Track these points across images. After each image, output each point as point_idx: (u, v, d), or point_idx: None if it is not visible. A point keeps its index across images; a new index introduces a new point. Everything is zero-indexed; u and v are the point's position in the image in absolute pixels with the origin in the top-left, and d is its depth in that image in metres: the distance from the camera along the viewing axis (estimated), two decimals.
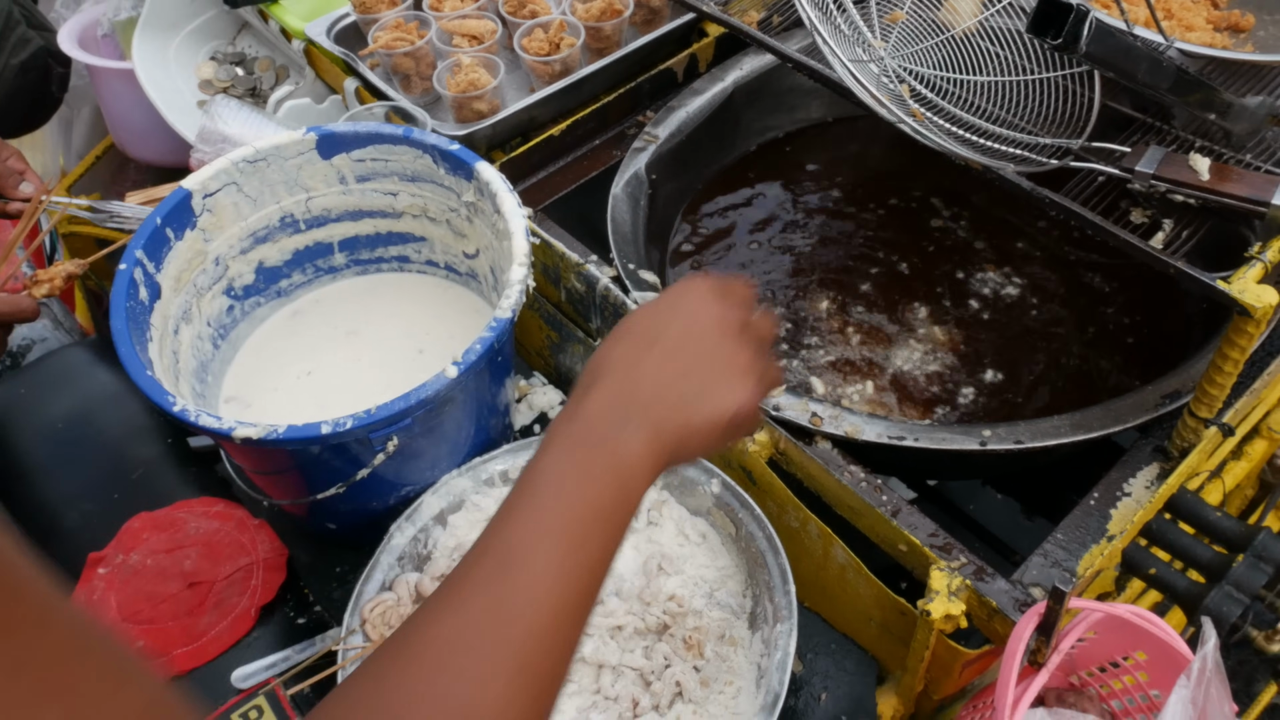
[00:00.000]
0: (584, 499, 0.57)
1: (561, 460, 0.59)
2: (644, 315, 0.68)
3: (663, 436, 0.62)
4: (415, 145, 1.10)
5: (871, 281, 1.32)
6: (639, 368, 0.64)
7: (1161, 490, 0.96)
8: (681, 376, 0.64)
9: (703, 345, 0.66)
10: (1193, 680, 0.81)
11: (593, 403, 0.62)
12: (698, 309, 0.68)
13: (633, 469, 0.60)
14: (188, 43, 1.77)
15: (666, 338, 0.66)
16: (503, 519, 0.57)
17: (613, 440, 0.60)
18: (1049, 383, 1.20)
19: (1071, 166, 0.97)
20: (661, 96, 1.41)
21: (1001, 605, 0.88)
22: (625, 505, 0.59)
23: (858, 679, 1.02)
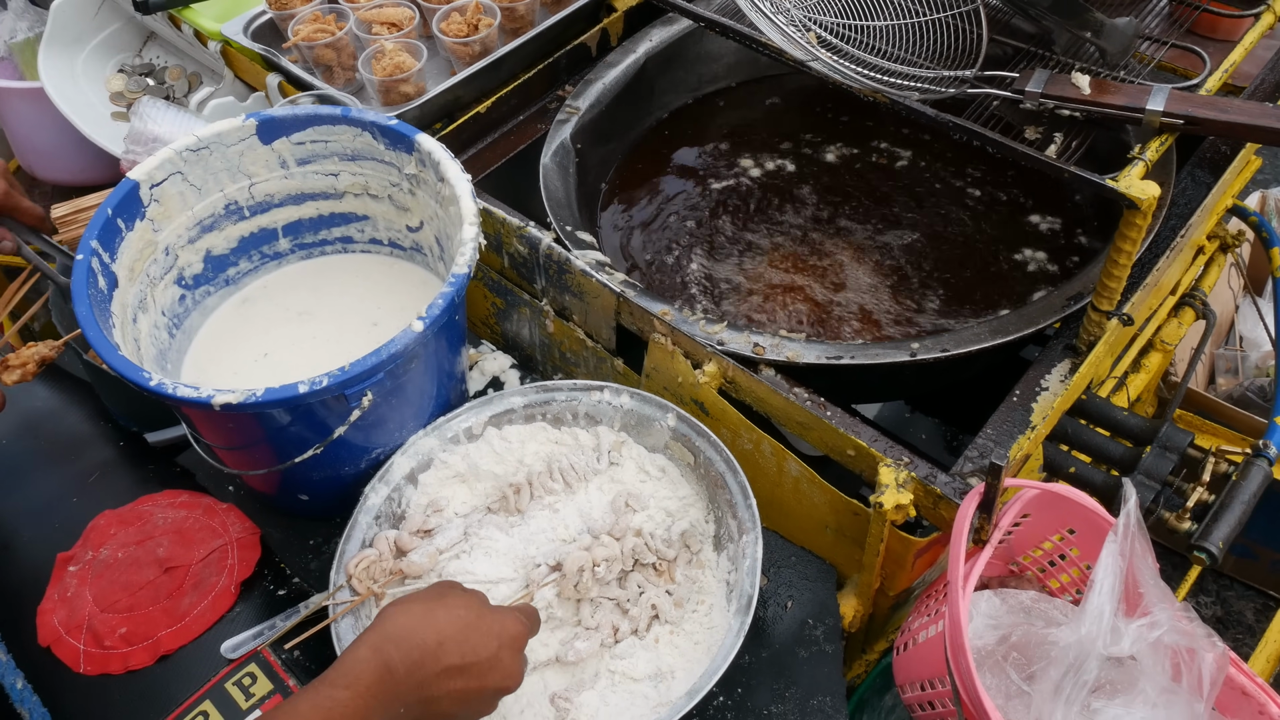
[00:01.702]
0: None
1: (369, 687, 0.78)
2: (465, 625, 0.84)
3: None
4: (354, 123, 1.14)
5: (789, 224, 1.40)
6: (443, 674, 0.81)
7: (1075, 380, 1.06)
8: (461, 698, 0.82)
9: (488, 678, 0.84)
10: (1119, 535, 0.90)
11: (401, 665, 0.79)
12: (505, 651, 0.86)
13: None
14: (94, 57, 1.77)
15: (473, 657, 0.83)
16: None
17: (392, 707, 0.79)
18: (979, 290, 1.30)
19: (969, 94, 1.06)
20: (579, 70, 1.47)
21: (946, 492, 0.96)
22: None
23: (819, 585, 1.10)
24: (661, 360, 1.13)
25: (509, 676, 0.85)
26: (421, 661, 0.80)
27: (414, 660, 0.79)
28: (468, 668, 0.82)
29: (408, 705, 0.79)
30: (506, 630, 0.86)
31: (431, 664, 0.80)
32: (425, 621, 0.81)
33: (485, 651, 0.83)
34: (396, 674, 0.78)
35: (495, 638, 0.85)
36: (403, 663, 0.79)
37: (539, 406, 1.16)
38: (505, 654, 0.85)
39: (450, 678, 0.81)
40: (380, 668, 0.78)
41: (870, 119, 1.53)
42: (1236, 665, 0.94)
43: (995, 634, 0.98)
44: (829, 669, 1.03)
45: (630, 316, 1.15)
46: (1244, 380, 2.12)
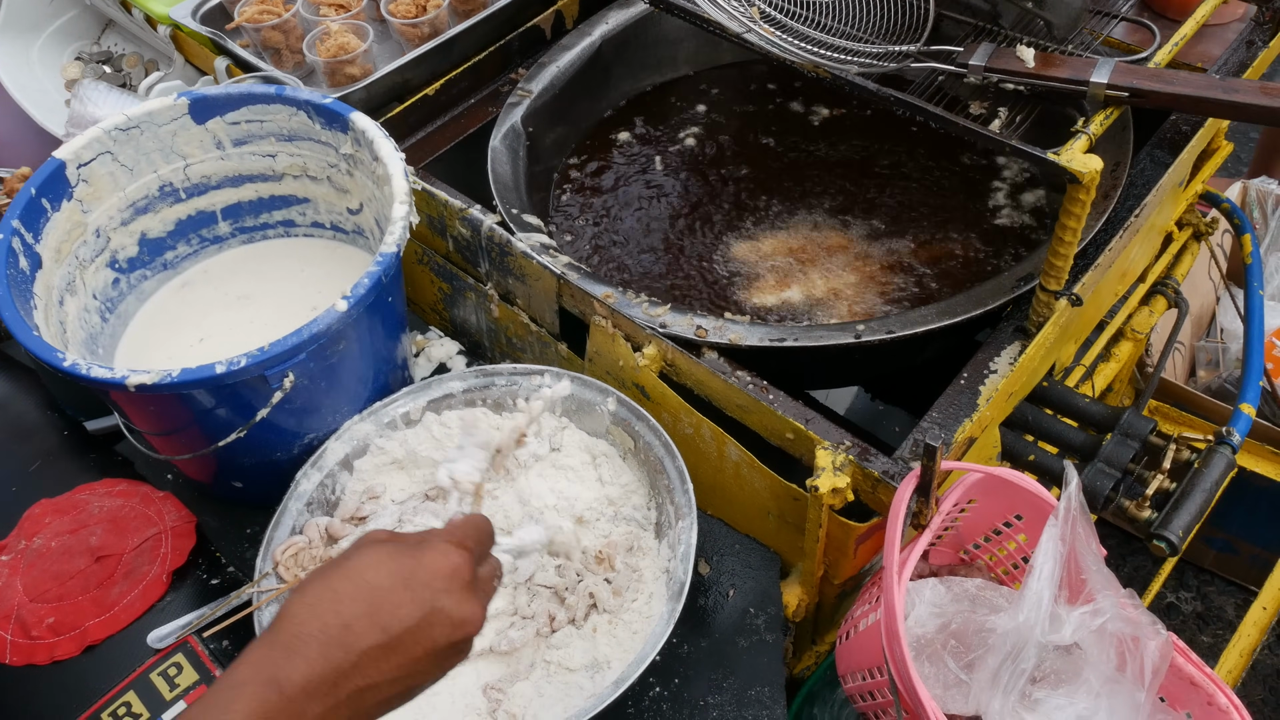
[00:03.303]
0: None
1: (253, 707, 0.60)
2: (385, 586, 0.67)
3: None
4: (289, 102, 1.12)
5: (749, 210, 1.37)
6: (363, 661, 0.64)
7: (1022, 362, 1.03)
8: (403, 675, 0.66)
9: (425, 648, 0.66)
10: (1060, 519, 0.88)
11: (298, 674, 0.62)
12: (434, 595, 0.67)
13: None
14: (50, 44, 1.74)
15: (397, 627, 0.65)
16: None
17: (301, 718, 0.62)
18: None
19: (912, 68, 1.03)
20: (532, 53, 1.45)
21: (884, 476, 0.94)
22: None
23: (762, 573, 1.07)
24: (603, 344, 1.11)
25: (461, 623, 0.68)
26: (325, 660, 0.63)
27: (313, 666, 0.62)
28: (395, 642, 0.65)
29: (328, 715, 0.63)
30: (437, 573, 0.68)
31: (340, 657, 0.63)
32: (324, 606, 0.64)
33: (414, 612, 0.66)
34: (288, 692, 0.61)
35: (424, 589, 0.67)
36: (300, 675, 0.62)
37: (479, 391, 1.13)
38: (446, 600, 0.67)
39: (375, 661, 0.64)
40: (260, 698, 0.61)
41: (838, 102, 1.51)
42: (1184, 654, 0.91)
43: (937, 622, 0.95)
44: (769, 659, 1.00)
45: (572, 299, 1.12)
46: (1224, 372, 2.09)
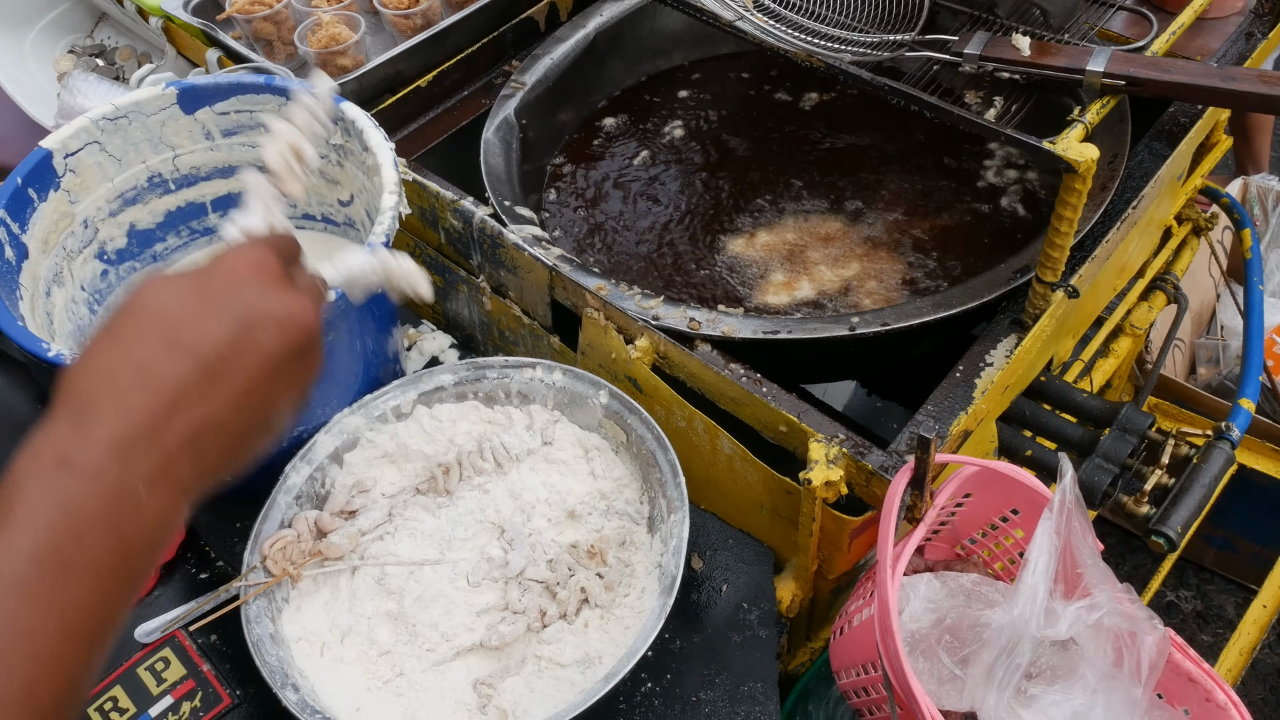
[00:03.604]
0: (80, 593, 0.45)
1: (43, 550, 0.45)
2: (178, 308, 0.52)
3: (201, 481, 0.51)
4: (279, 92, 1.10)
5: (748, 203, 1.36)
6: (181, 399, 0.50)
7: (1018, 354, 1.02)
8: (247, 403, 0.52)
9: (255, 361, 0.53)
10: (1055, 512, 0.86)
11: (95, 441, 0.47)
12: (245, 303, 0.54)
13: (147, 532, 0.48)
14: (43, 37, 1.73)
15: (208, 346, 0.51)
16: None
17: (125, 491, 0.47)
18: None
19: (906, 57, 1.02)
20: (525, 45, 1.44)
21: (878, 469, 0.93)
22: (133, 570, 0.48)
23: (756, 569, 1.06)
24: (595, 336, 1.10)
25: (289, 320, 0.54)
26: (126, 413, 0.48)
27: (112, 425, 0.48)
28: (214, 365, 0.51)
29: (148, 482, 0.48)
30: (237, 273, 0.54)
31: (146, 402, 0.49)
32: (108, 357, 0.50)
33: (224, 322, 0.52)
34: (90, 467, 0.46)
35: (227, 293, 0.53)
36: (99, 441, 0.47)
37: (470, 384, 1.12)
38: (258, 297, 0.54)
39: (198, 396, 0.50)
40: (51, 487, 0.46)
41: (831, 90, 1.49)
42: (1182, 650, 0.90)
43: (932, 617, 0.94)
44: (762, 654, 0.99)
45: (564, 291, 1.11)
46: (1224, 369, 2.08)
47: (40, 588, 0.44)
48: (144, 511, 0.48)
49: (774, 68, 1.54)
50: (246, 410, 0.52)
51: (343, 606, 1.01)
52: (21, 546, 0.44)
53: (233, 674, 0.99)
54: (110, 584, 0.46)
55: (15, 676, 0.42)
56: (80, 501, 0.46)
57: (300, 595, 1.01)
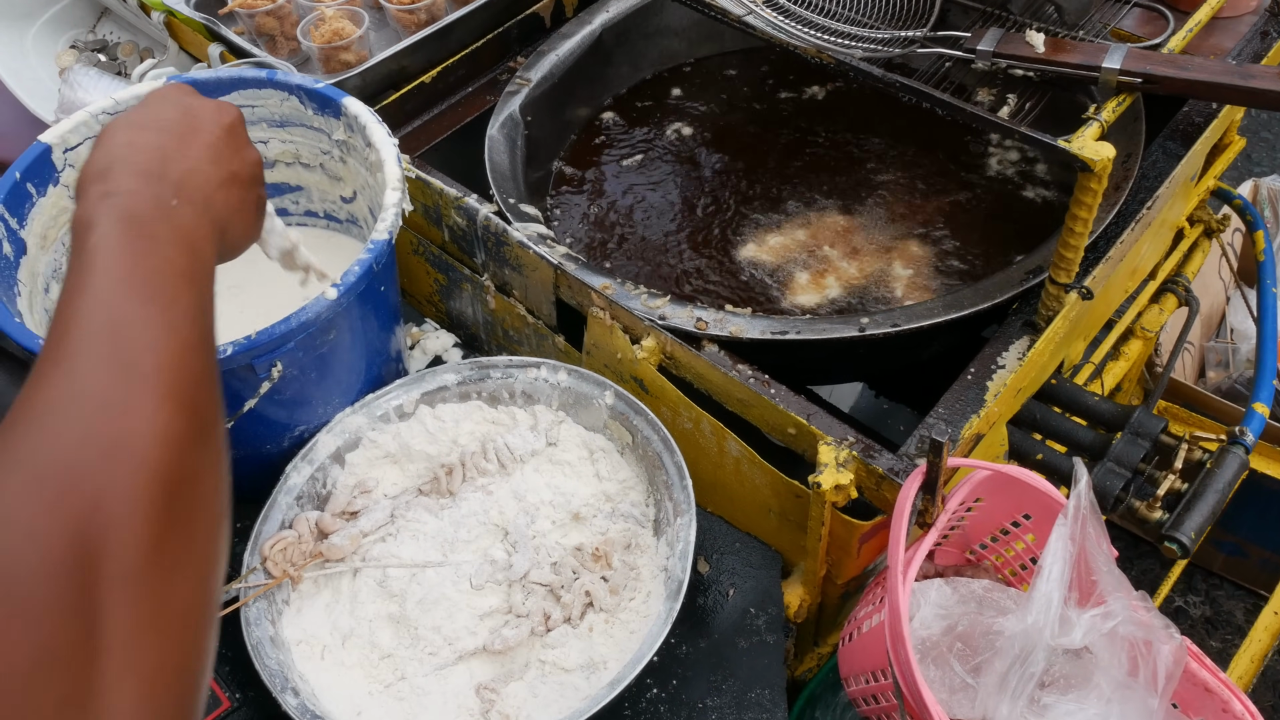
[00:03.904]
0: (163, 263, 0.54)
1: (120, 239, 0.54)
2: (138, 113, 0.65)
3: (206, 210, 0.61)
4: (280, 87, 1.09)
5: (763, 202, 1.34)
6: (168, 158, 0.61)
7: (1031, 356, 1.00)
8: (208, 166, 0.64)
9: (208, 139, 0.65)
10: (1069, 518, 0.85)
11: (125, 189, 0.57)
12: (197, 110, 0.67)
13: (194, 236, 0.58)
14: (45, 32, 1.72)
15: (179, 131, 0.64)
16: (80, 294, 0.51)
17: (167, 213, 0.57)
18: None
19: (918, 54, 1.01)
20: (530, 41, 1.42)
21: (888, 472, 0.91)
22: (202, 271, 0.57)
23: (763, 573, 1.04)
24: (601, 336, 1.08)
25: (220, 108, 0.68)
26: (137, 171, 0.58)
27: (135, 182, 0.58)
28: (178, 129, 0.64)
29: (172, 196, 0.59)
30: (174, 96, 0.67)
31: (144, 157, 0.60)
32: (101, 156, 0.60)
33: (174, 107, 0.66)
34: (130, 199, 0.56)
35: (170, 107, 0.66)
36: (125, 185, 0.57)
37: (474, 384, 1.11)
38: (193, 102, 0.67)
39: (174, 147, 0.62)
40: (113, 218, 0.55)
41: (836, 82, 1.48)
42: (1198, 660, 0.89)
43: (942, 624, 0.93)
44: (769, 660, 0.98)
45: (569, 290, 1.09)
46: (1234, 373, 2.06)
47: (137, 277, 0.52)
48: (180, 214, 0.58)
49: (780, 65, 1.52)
50: (215, 163, 0.64)
51: (344, 609, 1.00)
52: (107, 249, 0.53)
53: (232, 676, 0.98)
54: (183, 262, 0.55)
55: (159, 346, 0.49)
56: (131, 206, 0.56)
57: (301, 597, 1.00)
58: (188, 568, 0.44)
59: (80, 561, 0.39)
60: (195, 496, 0.46)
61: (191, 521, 0.45)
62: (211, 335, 0.55)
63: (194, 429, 0.48)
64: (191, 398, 0.49)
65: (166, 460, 0.45)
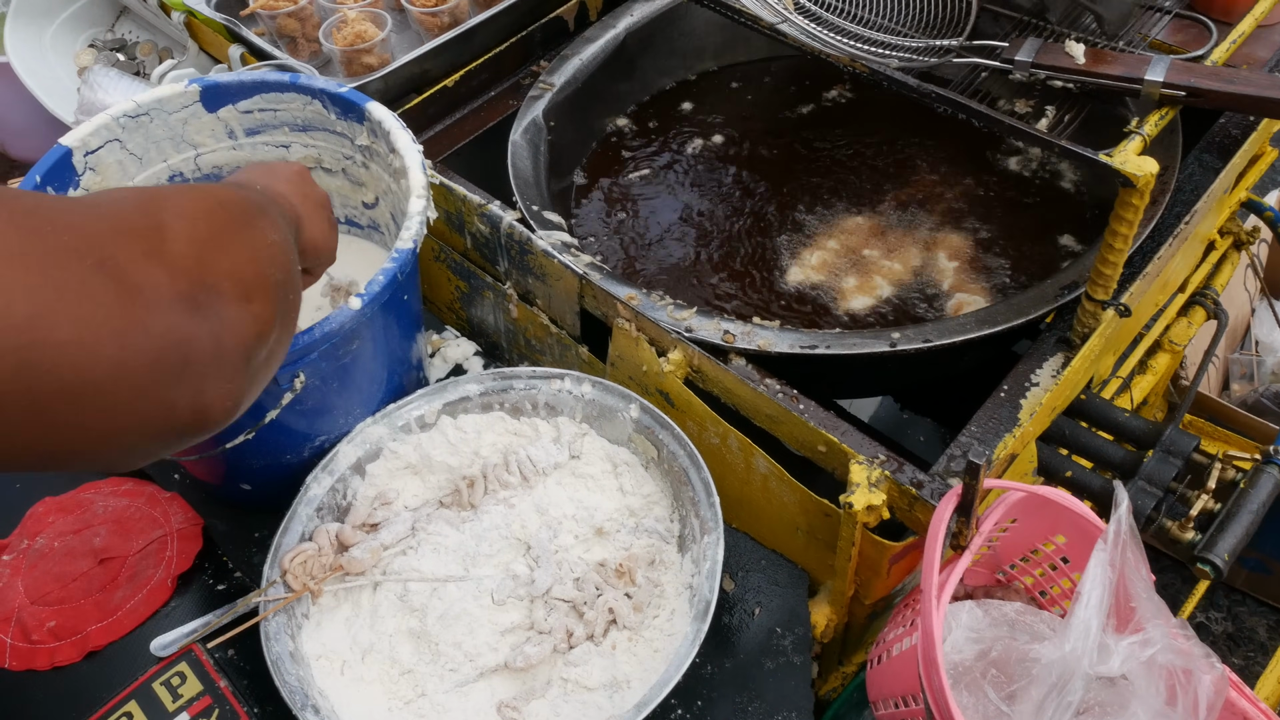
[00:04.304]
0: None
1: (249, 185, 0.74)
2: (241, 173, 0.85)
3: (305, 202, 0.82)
4: (303, 91, 1.07)
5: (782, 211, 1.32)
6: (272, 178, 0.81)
7: (1067, 375, 0.98)
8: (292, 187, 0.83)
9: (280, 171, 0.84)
10: (1109, 543, 0.83)
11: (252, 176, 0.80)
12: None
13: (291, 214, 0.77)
14: (63, 31, 1.71)
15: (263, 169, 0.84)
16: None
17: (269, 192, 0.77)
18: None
19: (954, 63, 0.99)
20: (554, 45, 1.41)
21: (922, 493, 0.89)
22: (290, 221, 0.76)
23: (790, 592, 1.02)
24: (626, 347, 1.06)
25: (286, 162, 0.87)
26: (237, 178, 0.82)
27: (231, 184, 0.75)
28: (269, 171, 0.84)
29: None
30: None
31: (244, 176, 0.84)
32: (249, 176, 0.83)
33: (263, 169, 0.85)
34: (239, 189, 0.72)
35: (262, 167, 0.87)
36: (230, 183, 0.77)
37: (496, 394, 1.09)
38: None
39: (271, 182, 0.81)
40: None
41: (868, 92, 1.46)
42: (1238, 689, 0.87)
43: (975, 649, 0.91)
44: (796, 682, 0.96)
45: (594, 300, 1.08)
46: (1259, 386, 2.03)
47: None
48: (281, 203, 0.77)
49: (806, 71, 1.50)
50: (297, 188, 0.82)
51: (364, 623, 0.98)
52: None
53: (251, 691, 0.96)
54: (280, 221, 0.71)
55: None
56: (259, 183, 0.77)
57: (320, 611, 0.98)
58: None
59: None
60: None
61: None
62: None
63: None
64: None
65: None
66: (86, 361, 0.42)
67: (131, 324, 0.44)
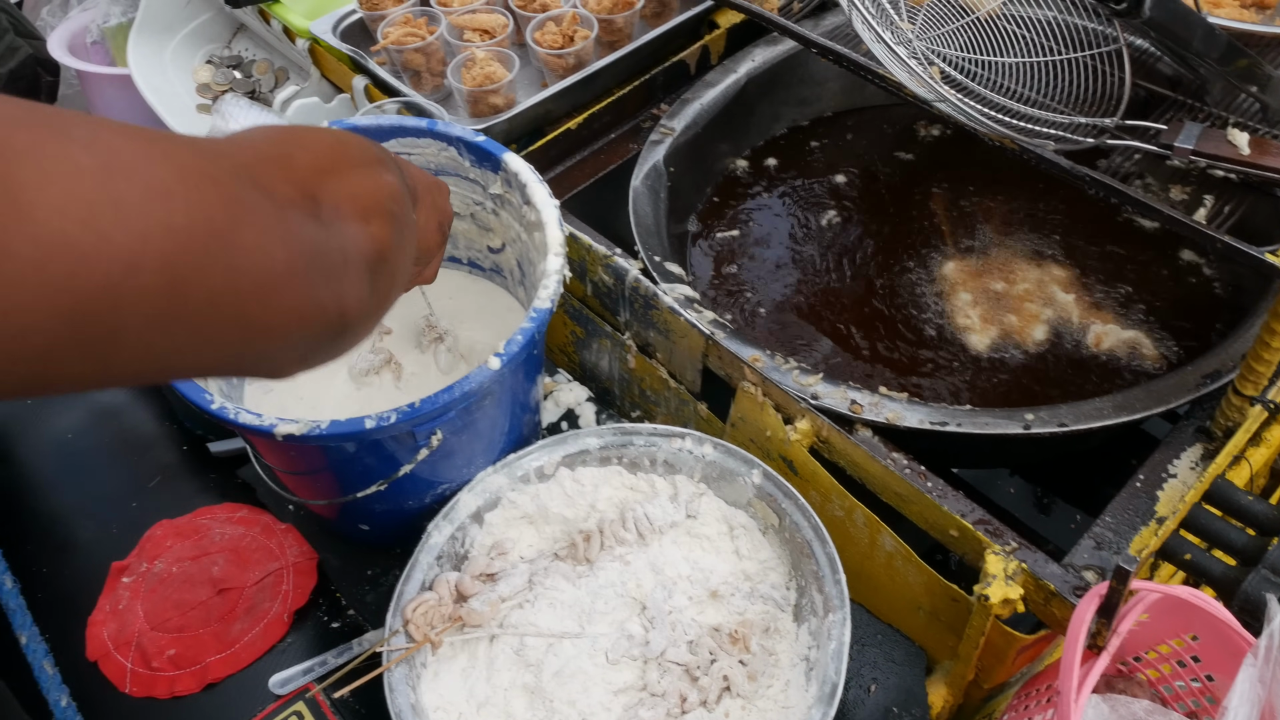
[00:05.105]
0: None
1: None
2: None
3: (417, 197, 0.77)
4: (440, 138, 1.08)
5: (893, 267, 1.31)
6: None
7: (1210, 470, 0.96)
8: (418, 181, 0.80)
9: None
10: (1260, 658, 0.81)
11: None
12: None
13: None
14: (183, 46, 1.74)
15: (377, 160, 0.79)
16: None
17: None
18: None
19: (1107, 145, 0.97)
20: (675, 89, 1.40)
21: (1060, 589, 0.87)
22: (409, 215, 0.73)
23: (906, 669, 1.01)
24: (749, 410, 1.06)
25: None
26: None
27: None
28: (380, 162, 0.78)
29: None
30: None
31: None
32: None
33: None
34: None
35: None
36: None
37: (615, 449, 1.09)
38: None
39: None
40: None
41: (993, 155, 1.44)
42: None
43: None
44: None
45: (719, 360, 1.07)
46: None
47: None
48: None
49: (924, 118, 1.48)
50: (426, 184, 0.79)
51: (480, 675, 0.99)
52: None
53: None
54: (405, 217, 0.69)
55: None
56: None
57: (438, 661, 0.99)
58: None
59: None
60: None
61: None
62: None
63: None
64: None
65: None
66: (266, 263, 0.48)
67: (289, 232, 0.50)
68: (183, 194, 0.45)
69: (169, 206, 0.44)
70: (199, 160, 0.47)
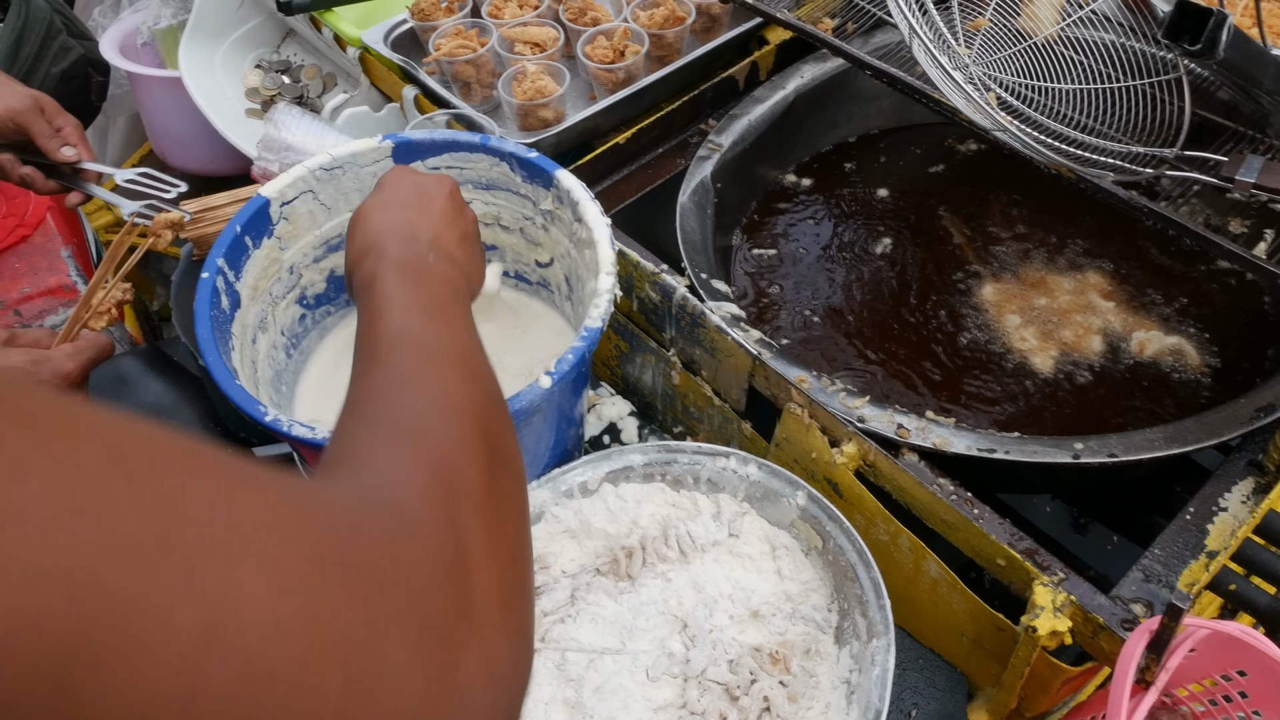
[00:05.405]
0: (435, 296, 0.68)
1: (399, 283, 0.67)
2: (381, 195, 0.81)
3: (454, 263, 0.76)
4: (493, 153, 1.09)
5: (939, 288, 1.30)
6: (416, 227, 0.76)
7: (1264, 505, 0.95)
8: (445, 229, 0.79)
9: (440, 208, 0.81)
10: None
11: (393, 253, 0.72)
12: (427, 186, 0.83)
13: (452, 280, 0.73)
14: (233, 50, 1.76)
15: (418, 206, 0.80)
16: (381, 319, 0.63)
17: (428, 266, 0.72)
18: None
19: (1168, 176, 0.96)
20: (723, 104, 1.40)
21: (1109, 622, 0.87)
22: (464, 305, 0.71)
23: (948, 695, 1.01)
24: (795, 431, 1.06)
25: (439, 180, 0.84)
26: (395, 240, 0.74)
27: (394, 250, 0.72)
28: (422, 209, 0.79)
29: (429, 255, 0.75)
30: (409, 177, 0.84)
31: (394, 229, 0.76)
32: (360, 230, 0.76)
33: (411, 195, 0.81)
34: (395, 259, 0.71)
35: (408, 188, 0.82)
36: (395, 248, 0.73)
37: (659, 466, 1.09)
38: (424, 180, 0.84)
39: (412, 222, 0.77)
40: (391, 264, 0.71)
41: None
42: None
43: None
44: None
45: (765, 381, 1.07)
46: None
47: (420, 305, 0.65)
48: (438, 267, 0.73)
49: (970, 137, 1.48)
50: (450, 225, 0.79)
51: None
52: (394, 290, 0.65)
53: None
54: (450, 296, 0.69)
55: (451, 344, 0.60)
56: (402, 262, 0.70)
57: None
58: (510, 506, 0.52)
59: (446, 496, 0.46)
60: (503, 448, 0.54)
61: (507, 468, 0.53)
62: (482, 347, 0.64)
63: (490, 400, 0.57)
64: (483, 379, 0.58)
65: (480, 417, 0.53)
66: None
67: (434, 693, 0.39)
68: None
69: None
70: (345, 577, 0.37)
